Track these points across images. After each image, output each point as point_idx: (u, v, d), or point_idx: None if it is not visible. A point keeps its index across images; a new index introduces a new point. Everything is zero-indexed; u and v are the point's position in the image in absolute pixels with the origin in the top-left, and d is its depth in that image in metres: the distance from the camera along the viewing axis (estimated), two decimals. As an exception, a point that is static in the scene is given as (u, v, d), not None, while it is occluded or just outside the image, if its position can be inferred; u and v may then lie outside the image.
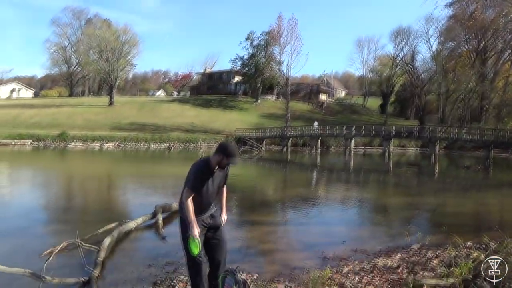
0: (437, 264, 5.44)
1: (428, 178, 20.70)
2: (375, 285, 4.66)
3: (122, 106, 60.81)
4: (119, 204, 10.87)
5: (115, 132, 43.86)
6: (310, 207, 10.79)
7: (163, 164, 24.54)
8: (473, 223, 9.38)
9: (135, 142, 40.82)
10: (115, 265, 5.47)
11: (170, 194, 12.29)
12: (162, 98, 78.48)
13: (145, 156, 31.70)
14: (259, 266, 5.58)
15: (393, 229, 8.44)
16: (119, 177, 17.72)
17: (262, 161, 29.88)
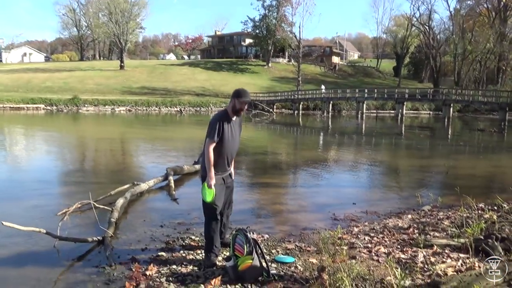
0: (448, 225, 5.44)
1: (441, 141, 20.51)
2: (385, 245, 4.68)
3: (132, 70, 60.56)
4: (131, 167, 10.98)
5: (126, 96, 43.91)
6: (320, 170, 10.80)
7: (174, 128, 24.63)
8: (486, 185, 9.32)
9: (146, 107, 40.91)
10: (128, 225, 5.56)
11: (181, 157, 12.39)
12: (172, 62, 77.91)
13: (157, 120, 31.81)
14: (270, 227, 5.63)
15: (405, 191, 8.42)
16: (131, 140, 17.86)
17: (273, 125, 29.79)
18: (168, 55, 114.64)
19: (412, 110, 47.80)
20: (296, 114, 42.63)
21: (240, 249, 3.81)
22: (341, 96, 43.72)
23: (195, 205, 6.62)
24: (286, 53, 72.40)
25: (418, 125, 33.18)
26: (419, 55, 73.34)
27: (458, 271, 3.69)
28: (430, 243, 4.56)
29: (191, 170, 9.31)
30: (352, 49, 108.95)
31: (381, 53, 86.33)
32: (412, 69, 79.44)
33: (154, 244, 4.77)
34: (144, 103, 41.30)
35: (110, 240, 4.77)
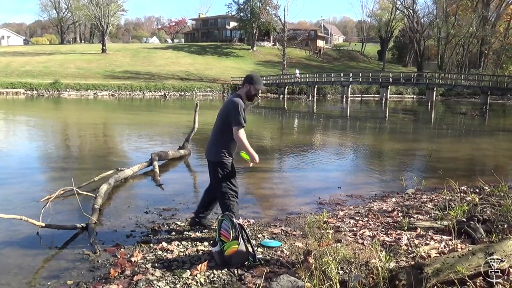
0: (432, 207, 5.52)
1: (424, 125, 20.75)
2: (370, 228, 4.73)
3: (115, 53, 59.62)
4: (115, 152, 10.85)
5: (108, 80, 43.25)
6: (306, 154, 10.83)
7: (159, 113, 24.39)
8: (468, 168, 9.48)
9: (129, 91, 40.44)
10: (112, 211, 5.51)
11: (166, 142, 12.29)
12: (155, 45, 76.90)
13: (140, 105, 31.46)
14: (256, 211, 5.63)
15: (389, 174, 8.51)
16: (115, 125, 17.63)
17: (258, 109, 29.71)
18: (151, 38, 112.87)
19: (396, 94, 48.21)
20: (281, 98, 42.60)
21: (226, 234, 3.80)
22: (326, 80, 43.83)
23: (180, 191, 6.62)
24: (271, 36, 72.03)
25: (402, 109, 33.49)
26: (403, 39, 73.74)
27: (441, 253, 3.75)
28: (414, 225, 4.63)
29: (176, 155, 9.25)
30: (337, 33, 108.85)
31: (365, 37, 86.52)
32: (396, 53, 79.91)
33: (139, 230, 4.74)
34: (127, 88, 40.77)
35: (94, 226, 4.72)
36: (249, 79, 4.24)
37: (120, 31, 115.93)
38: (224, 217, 3.90)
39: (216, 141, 4.27)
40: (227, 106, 4.18)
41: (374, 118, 24.42)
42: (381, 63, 70.20)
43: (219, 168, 4.24)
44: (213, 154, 4.29)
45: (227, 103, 4.23)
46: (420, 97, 46.18)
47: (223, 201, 4.28)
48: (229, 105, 4.16)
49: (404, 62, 76.04)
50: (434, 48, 67.04)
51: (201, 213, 4.71)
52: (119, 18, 69.76)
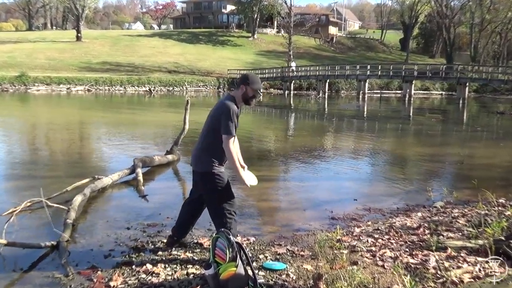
0: (464, 223, 5.50)
1: (455, 126, 20.76)
2: (392, 247, 4.71)
3: (91, 42, 59.76)
4: (91, 158, 10.86)
5: (84, 73, 43.34)
6: (316, 160, 10.82)
7: (143, 111, 24.41)
8: (508, 177, 9.45)
9: (108, 86, 40.52)
10: (88, 227, 5.50)
11: (151, 146, 12.29)
12: (139, 32, 77.05)
13: (121, 102, 31.48)
14: (257, 228, 5.63)
15: (413, 185, 8.49)
16: (91, 126, 17.65)
17: (260, 107, 29.70)
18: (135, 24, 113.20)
19: (421, 90, 48.21)
20: (287, 94, 42.66)
21: (221, 254, 3.79)
22: (339, 74, 43.84)
23: (167, 203, 6.61)
24: (275, 22, 72.14)
25: (428, 108, 33.49)
26: (430, 26, 73.84)
27: (476, 278, 3.74)
28: (444, 245, 4.61)
29: (163, 162, 9.25)
30: (352, 18, 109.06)
31: (386, 23, 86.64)
32: (421, 42, 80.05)
33: (119, 250, 4.73)
34: (106, 82, 40.83)
35: (67, 245, 4.71)
36: (245, 79, 4.26)
37: (98, 16, 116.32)
38: (220, 234, 3.89)
39: (205, 147, 4.29)
40: (217, 110, 4.21)
41: (395, 118, 24.42)
42: (404, 53, 70.33)
43: (210, 180, 4.24)
44: (201, 163, 4.30)
45: (218, 105, 4.26)
46: (450, 94, 46.17)
47: (217, 218, 4.27)
48: (219, 109, 4.18)
49: (431, 52, 76.15)
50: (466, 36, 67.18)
51: (181, 231, 4.72)
52: (97, 1, 69.97)
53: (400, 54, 73.17)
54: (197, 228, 5.32)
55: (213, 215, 4.32)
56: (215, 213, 4.29)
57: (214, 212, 4.30)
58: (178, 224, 4.73)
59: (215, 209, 4.27)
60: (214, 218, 4.33)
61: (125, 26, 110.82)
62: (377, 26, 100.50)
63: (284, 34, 60.95)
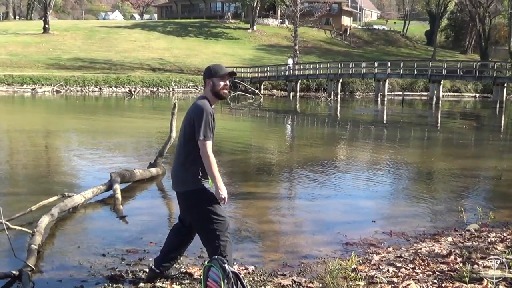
0: (503, 250, 5.49)
1: (491, 135, 20.77)
2: (417, 279, 4.70)
3: (61, 34, 59.90)
4: (60, 171, 10.84)
5: (52, 71, 43.39)
6: (326, 175, 10.82)
7: (122, 116, 24.43)
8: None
9: (81, 86, 40.56)
10: (56, 254, 5.48)
11: (132, 158, 12.29)
12: (118, 23, 77.23)
13: (97, 105, 31.52)
14: (257, 255, 5.62)
15: (442, 204, 8.48)
16: (61, 134, 17.63)
17: (260, 112, 29.82)
18: (112, 13, 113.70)
19: (451, 91, 48.35)
20: (292, 96, 42.72)
21: (215, 286, 3.79)
22: (354, 72, 43.94)
23: (150, 225, 6.60)
24: (278, 11, 72.34)
25: (460, 112, 33.57)
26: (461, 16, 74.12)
27: (517, 315, 3.73)
28: (479, 275, 4.60)
29: (145, 176, 9.24)
30: (370, 7, 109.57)
31: (409, 13, 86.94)
32: (451, 35, 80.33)
33: (93, 281, 4.72)
34: (78, 82, 40.89)
35: (31, 275, 4.69)
36: (207, 73, 4.32)
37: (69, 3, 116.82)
38: (213, 262, 3.89)
39: (183, 161, 4.30)
40: (190, 114, 4.24)
41: (421, 125, 24.45)
42: (430, 48, 70.53)
43: (195, 199, 4.24)
44: (181, 182, 4.31)
45: (189, 109, 4.29)
46: (485, 96, 46.28)
47: (209, 242, 4.27)
48: (192, 113, 4.21)
49: (463, 47, 76.40)
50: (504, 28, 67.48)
51: (166, 262, 4.66)
52: (68, -14, 70.25)
53: (426, 49, 73.39)
54: (185, 255, 5.31)
55: (204, 240, 4.32)
56: (205, 237, 4.29)
57: (205, 236, 4.29)
58: (162, 253, 4.68)
59: (205, 232, 4.26)
60: (205, 243, 4.33)
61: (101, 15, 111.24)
62: (399, 16, 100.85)
63: (288, 25, 61.24)
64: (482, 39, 64.51)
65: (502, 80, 36.68)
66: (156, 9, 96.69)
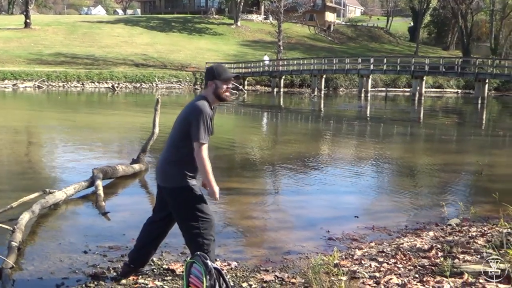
0: (484, 244, 5.54)
1: (473, 130, 20.98)
2: (399, 273, 4.73)
3: (43, 29, 59.32)
4: (42, 168, 10.76)
5: (34, 66, 42.98)
6: (310, 171, 10.85)
7: (104, 112, 24.28)
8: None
9: (63, 82, 40.23)
10: (37, 251, 5.43)
11: (114, 154, 12.22)
12: (101, 18, 76.66)
13: (79, 101, 31.29)
14: (239, 250, 5.62)
15: (424, 199, 8.54)
16: (42, 129, 17.49)
17: (244, 108, 29.80)
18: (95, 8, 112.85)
19: (434, 87, 48.77)
20: (276, 92, 42.76)
21: (197, 283, 3.78)
22: (338, 68, 44.01)
23: (133, 222, 6.55)
24: (262, 7, 72.32)
25: (442, 108, 33.86)
26: (444, 12, 74.58)
27: (497, 308, 3.77)
28: (460, 270, 4.64)
29: (128, 172, 9.19)
30: (353, 3, 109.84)
31: (392, 9, 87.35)
32: (434, 31, 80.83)
33: (74, 278, 4.69)
34: (60, 77, 40.53)
35: (11, 272, 4.65)
36: (211, 74, 4.26)
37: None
38: (195, 259, 3.88)
39: (173, 158, 4.28)
40: (187, 113, 4.21)
41: (403, 120, 24.62)
42: (413, 44, 70.96)
43: (181, 196, 4.23)
44: (168, 177, 4.29)
45: (188, 107, 4.26)
46: (467, 92, 46.73)
47: (192, 240, 4.25)
48: (189, 112, 4.18)
49: (445, 43, 76.95)
50: (486, 25, 68.05)
51: (140, 257, 4.65)
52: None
53: (409, 46, 73.83)
54: (168, 251, 5.30)
55: (187, 237, 4.30)
56: (189, 234, 4.27)
57: (188, 233, 4.27)
58: (136, 248, 4.65)
59: (189, 230, 4.24)
60: (188, 240, 4.32)
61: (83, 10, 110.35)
62: (382, 12, 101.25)
63: (272, 21, 61.17)
64: (464, 36, 65.01)
65: (483, 76, 37.03)
66: (139, 4, 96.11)
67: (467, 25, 64.98)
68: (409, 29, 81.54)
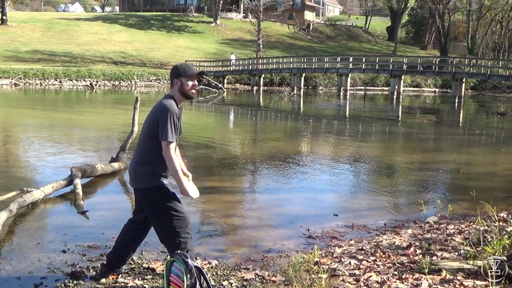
0: (461, 241, 5.61)
1: (450, 129, 21.20)
2: (378, 271, 4.76)
3: (20, 26, 58.58)
4: (19, 166, 10.63)
5: (10, 64, 42.45)
6: (289, 169, 10.87)
7: (83, 110, 24.05)
8: (510, 188, 9.69)
9: (40, 79, 39.82)
10: (15, 250, 5.37)
11: (93, 152, 12.11)
12: (78, 15, 76.01)
13: (56, 99, 30.96)
14: (220, 249, 5.61)
15: (403, 197, 8.63)
16: (19, 128, 17.29)
17: (223, 106, 29.75)
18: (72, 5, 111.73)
19: (412, 86, 49.19)
20: (256, 91, 42.77)
21: (177, 281, 3.77)
22: (317, 67, 44.17)
23: (112, 220, 6.53)
24: (241, 5, 72.19)
25: (419, 107, 34.17)
26: (421, 12, 75.26)
27: (474, 305, 3.81)
28: (438, 267, 4.68)
29: (107, 171, 9.12)
30: (332, 2, 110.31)
31: (371, 9, 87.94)
32: (412, 30, 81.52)
33: (53, 277, 4.65)
34: (37, 75, 40.09)
35: (-12, 272, 4.60)
36: (175, 73, 4.29)
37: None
38: (175, 257, 3.87)
39: (143, 159, 4.29)
40: (154, 112, 4.22)
41: (382, 119, 24.78)
42: (392, 44, 71.48)
43: (153, 196, 4.24)
44: (140, 178, 4.30)
45: (155, 107, 4.28)
46: (444, 91, 47.22)
47: (169, 239, 4.25)
48: (156, 112, 4.20)
49: (423, 43, 77.69)
50: (463, 25, 68.87)
51: (117, 257, 4.65)
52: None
53: (387, 45, 74.36)
54: (148, 250, 5.28)
55: (163, 237, 4.30)
56: (165, 234, 4.27)
57: (164, 233, 4.27)
58: (115, 249, 4.65)
59: (164, 229, 4.25)
60: (164, 240, 4.32)
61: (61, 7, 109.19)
62: (361, 11, 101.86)
63: (252, 19, 61.12)
64: (441, 35, 65.65)
65: (460, 76, 37.46)
66: (117, 2, 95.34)
67: (444, 25, 65.65)
68: (387, 29, 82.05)
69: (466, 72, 38.88)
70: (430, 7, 66.57)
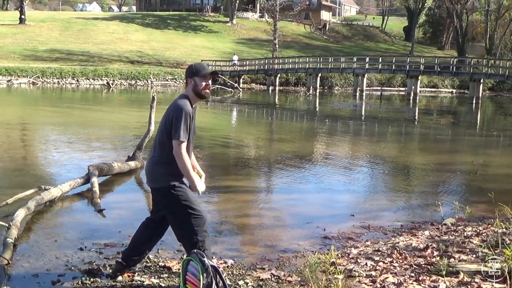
0: (479, 243, 5.56)
1: (468, 130, 21.01)
2: (395, 272, 4.74)
3: (38, 25, 59.14)
4: (37, 164, 10.73)
5: (28, 63, 42.83)
6: (305, 169, 10.85)
7: (99, 109, 24.22)
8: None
9: (58, 78, 40.13)
10: (33, 248, 5.41)
11: (110, 151, 12.18)
12: (96, 15, 76.47)
13: (74, 98, 31.18)
14: (236, 248, 5.61)
15: (420, 198, 8.57)
16: (37, 126, 17.44)
17: (239, 106, 29.78)
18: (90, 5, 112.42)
19: (429, 87, 48.85)
20: (272, 90, 42.75)
21: (194, 280, 3.77)
22: (333, 67, 44.04)
23: (128, 219, 6.55)
24: (257, 5, 72.25)
25: (437, 108, 33.92)
26: (439, 12, 74.72)
27: (492, 308, 3.78)
28: (455, 269, 4.65)
29: (123, 169, 9.16)
30: (349, 2, 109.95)
31: (387, 9, 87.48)
32: (429, 31, 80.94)
33: (70, 275, 4.67)
34: (55, 74, 40.42)
35: (7, 268, 4.64)
36: (190, 72, 4.32)
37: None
38: (192, 256, 3.87)
39: (159, 158, 4.30)
40: (169, 112, 4.24)
41: (398, 120, 24.65)
42: (408, 44, 71.04)
43: (170, 195, 4.24)
44: (156, 177, 4.32)
45: (170, 107, 4.30)
46: (462, 92, 46.84)
47: (186, 237, 4.26)
48: (171, 111, 4.22)
49: (440, 43, 77.14)
50: (481, 25, 68.21)
51: (132, 255, 4.63)
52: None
53: (404, 45, 73.94)
54: (164, 249, 5.29)
55: (180, 235, 4.32)
56: (182, 233, 4.28)
57: (181, 232, 4.29)
58: (130, 247, 4.65)
59: (182, 228, 4.26)
60: (181, 239, 4.33)
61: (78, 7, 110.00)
62: (378, 11, 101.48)
63: (268, 19, 61.16)
64: (459, 36, 65.16)
65: (478, 76, 37.10)
66: (134, 1, 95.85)
67: (462, 25, 65.13)
68: (404, 29, 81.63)
69: (484, 73, 38.47)
70: (448, 7, 66.04)
